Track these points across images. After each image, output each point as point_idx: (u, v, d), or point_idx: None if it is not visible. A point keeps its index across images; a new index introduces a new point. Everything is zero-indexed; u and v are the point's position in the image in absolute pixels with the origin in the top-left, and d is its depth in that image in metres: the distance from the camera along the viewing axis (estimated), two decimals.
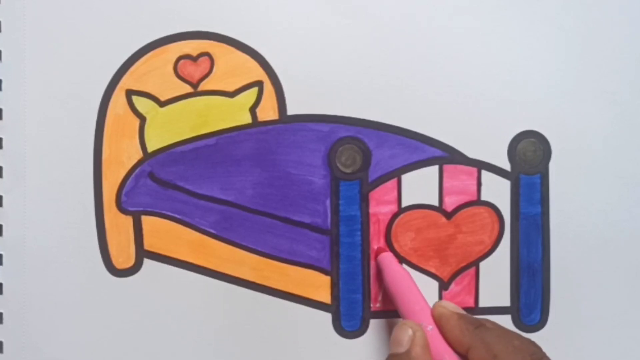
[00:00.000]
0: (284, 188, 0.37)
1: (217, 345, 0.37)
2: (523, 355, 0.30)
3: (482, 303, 0.38)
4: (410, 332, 0.32)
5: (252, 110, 0.37)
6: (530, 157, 0.38)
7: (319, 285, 0.37)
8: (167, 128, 0.37)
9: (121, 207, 0.37)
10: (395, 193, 0.37)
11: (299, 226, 0.37)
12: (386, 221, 0.37)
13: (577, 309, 0.38)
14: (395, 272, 0.35)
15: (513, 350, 0.30)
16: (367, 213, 0.37)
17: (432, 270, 0.38)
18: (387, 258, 0.36)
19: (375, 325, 0.38)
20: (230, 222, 0.37)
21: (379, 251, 0.37)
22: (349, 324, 0.37)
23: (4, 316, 0.37)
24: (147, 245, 0.37)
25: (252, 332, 0.37)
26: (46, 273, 0.37)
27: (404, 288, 0.34)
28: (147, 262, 0.37)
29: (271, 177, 0.37)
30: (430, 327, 0.32)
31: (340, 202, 0.37)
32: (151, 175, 0.37)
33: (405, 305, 0.34)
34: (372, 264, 0.37)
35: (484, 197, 0.38)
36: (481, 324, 0.32)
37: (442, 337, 0.32)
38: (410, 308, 0.33)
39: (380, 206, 0.37)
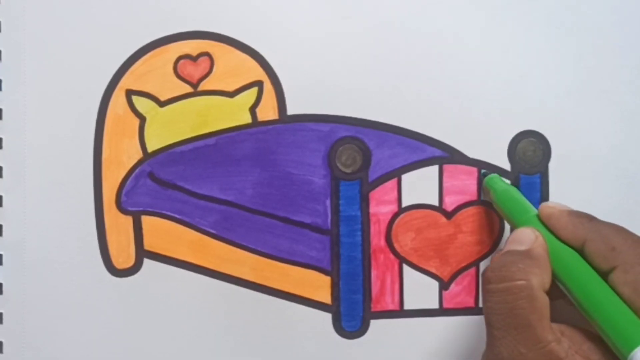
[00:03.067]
0: (284, 188, 0.37)
1: (217, 345, 0.37)
2: None
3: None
4: (533, 234, 0.31)
5: (252, 110, 0.37)
6: (530, 157, 0.38)
7: (319, 286, 0.37)
8: (167, 128, 0.37)
9: (121, 207, 0.37)
10: (395, 193, 0.37)
11: (299, 226, 0.37)
12: (386, 221, 0.37)
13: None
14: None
15: (632, 245, 0.29)
16: (368, 213, 0.37)
17: (433, 270, 0.38)
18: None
19: (375, 325, 0.38)
20: (230, 222, 0.37)
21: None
22: (349, 324, 0.37)
23: (4, 316, 0.37)
24: (147, 245, 0.37)
25: (252, 332, 0.37)
26: (46, 273, 0.37)
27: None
28: (147, 262, 0.37)
29: (271, 177, 0.37)
30: None
31: (341, 202, 0.37)
32: (151, 175, 0.37)
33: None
34: (373, 264, 0.37)
35: (484, 197, 0.38)
36: (594, 218, 0.31)
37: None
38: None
39: (381, 206, 0.37)
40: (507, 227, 0.38)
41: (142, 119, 0.37)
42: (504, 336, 0.29)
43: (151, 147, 0.37)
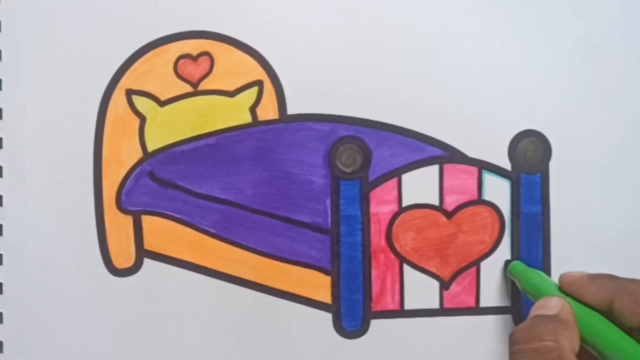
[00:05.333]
0: (284, 187, 0.37)
1: (216, 345, 0.37)
2: None
3: (483, 303, 0.38)
4: (559, 302, 0.31)
5: (252, 109, 0.37)
6: (530, 157, 0.38)
7: (320, 285, 0.37)
8: (167, 128, 0.37)
9: (121, 207, 0.37)
10: (395, 193, 0.37)
11: (299, 226, 0.37)
12: (387, 221, 0.37)
13: None
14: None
15: None
16: (368, 213, 0.37)
17: (433, 270, 0.38)
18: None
19: (376, 325, 0.38)
20: (230, 222, 0.37)
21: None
22: (349, 324, 0.37)
23: (4, 316, 0.37)
24: (147, 245, 0.37)
25: (252, 332, 0.37)
26: (46, 273, 0.37)
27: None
28: (147, 262, 0.37)
29: (271, 176, 0.37)
30: None
31: (341, 201, 0.37)
32: (151, 175, 0.37)
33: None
34: (374, 263, 0.37)
35: (484, 197, 0.38)
36: (615, 276, 0.31)
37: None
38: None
39: (381, 206, 0.37)
40: (508, 226, 0.38)
41: (142, 118, 0.37)
42: None
43: (151, 146, 0.37)
